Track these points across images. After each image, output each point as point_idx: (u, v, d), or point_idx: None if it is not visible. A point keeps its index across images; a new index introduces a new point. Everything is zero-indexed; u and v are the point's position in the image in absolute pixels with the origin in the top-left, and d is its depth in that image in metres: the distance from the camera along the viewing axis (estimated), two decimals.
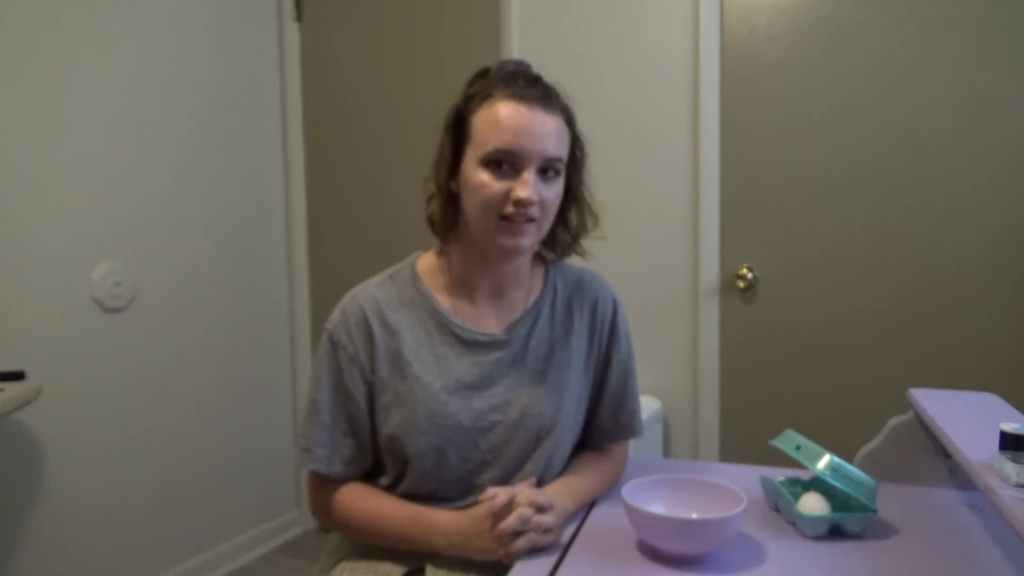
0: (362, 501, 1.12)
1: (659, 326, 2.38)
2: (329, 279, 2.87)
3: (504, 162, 1.04)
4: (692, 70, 2.30)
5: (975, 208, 2.07)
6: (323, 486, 1.15)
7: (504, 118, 1.03)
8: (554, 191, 1.08)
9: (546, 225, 1.10)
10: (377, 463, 1.17)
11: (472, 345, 1.13)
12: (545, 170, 1.06)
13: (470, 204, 1.07)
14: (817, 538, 1.05)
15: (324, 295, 2.89)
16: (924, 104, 2.10)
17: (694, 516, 1.02)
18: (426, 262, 1.18)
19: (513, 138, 1.03)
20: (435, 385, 1.10)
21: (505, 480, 1.13)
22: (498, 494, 1.00)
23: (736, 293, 2.31)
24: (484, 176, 1.04)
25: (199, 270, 2.52)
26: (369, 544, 1.14)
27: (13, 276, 2.01)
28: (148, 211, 2.35)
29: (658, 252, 2.38)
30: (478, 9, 2.56)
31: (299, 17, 2.83)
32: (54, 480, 2.11)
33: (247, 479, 2.73)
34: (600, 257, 2.47)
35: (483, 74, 1.12)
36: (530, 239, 1.08)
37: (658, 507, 1.04)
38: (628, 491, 1.03)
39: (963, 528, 1.09)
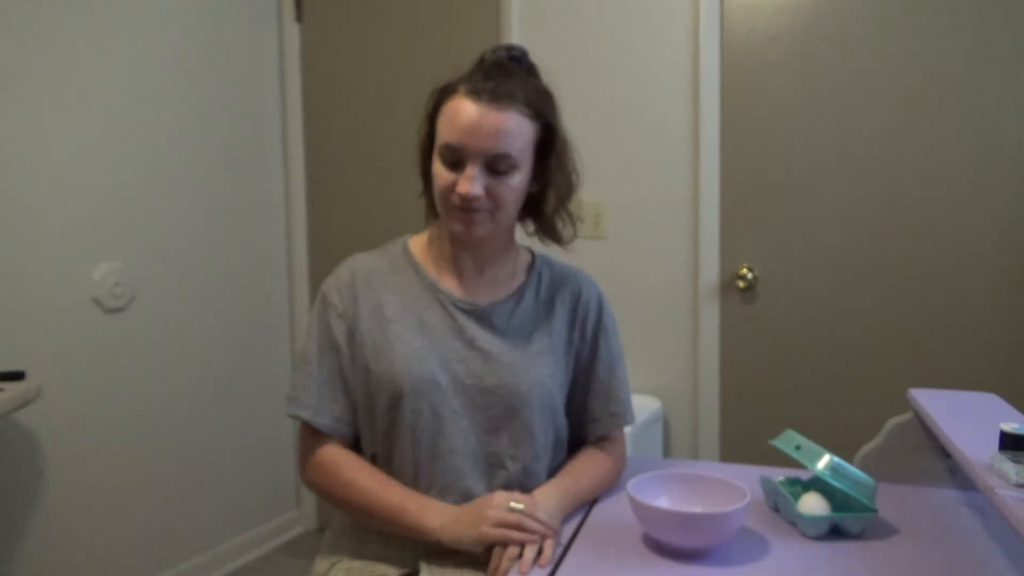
0: (362, 469, 1.15)
1: (659, 326, 2.38)
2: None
3: (450, 157, 1.10)
4: (692, 69, 2.30)
5: (975, 207, 2.08)
6: (314, 442, 1.17)
7: (454, 115, 1.09)
8: (508, 184, 1.11)
9: (503, 215, 1.13)
10: (356, 437, 1.20)
11: (456, 313, 1.18)
12: (494, 165, 1.09)
13: (433, 191, 1.14)
14: (817, 538, 1.05)
15: None
16: (924, 103, 2.10)
17: (698, 510, 1.03)
18: (417, 241, 1.27)
19: (457, 135, 1.08)
20: (415, 342, 1.14)
21: (479, 449, 1.14)
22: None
23: (736, 293, 2.32)
24: (438, 167, 1.12)
25: (199, 270, 2.52)
26: (358, 524, 1.17)
27: (13, 276, 2.01)
28: (148, 211, 2.35)
29: (657, 252, 2.38)
30: (478, 8, 2.56)
31: (299, 17, 2.83)
32: (54, 480, 2.11)
33: (247, 479, 2.73)
34: (599, 256, 2.47)
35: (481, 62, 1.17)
36: (483, 228, 1.12)
37: (663, 502, 1.06)
38: (634, 486, 1.04)
39: (963, 528, 1.09)
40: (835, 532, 1.06)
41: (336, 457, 1.15)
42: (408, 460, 1.14)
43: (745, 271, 2.29)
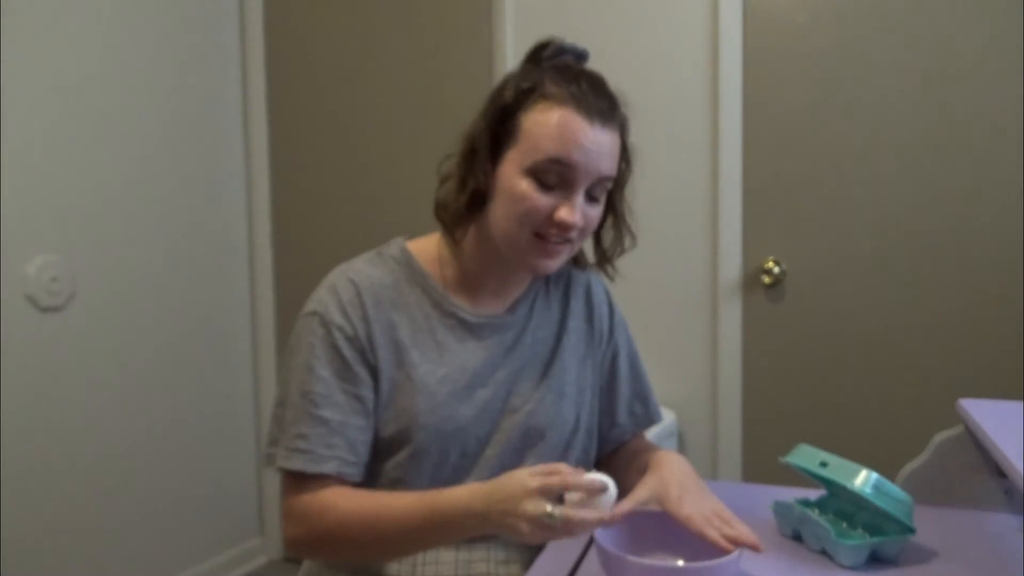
0: (355, 498, 1.07)
1: (673, 328, 2.37)
2: (296, 278, 2.86)
3: (553, 176, 1.06)
4: (710, 35, 2.29)
5: None
6: (305, 493, 1.08)
7: (562, 128, 1.05)
8: (597, 211, 1.12)
9: (579, 245, 1.16)
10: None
11: (475, 328, 1.17)
12: (592, 189, 1.09)
13: (503, 212, 1.09)
14: (854, 568, 1.04)
15: (290, 296, 2.87)
16: (988, 76, 2.08)
17: (680, 563, 1.00)
18: (421, 248, 1.20)
19: (571, 151, 1.05)
20: (437, 373, 1.13)
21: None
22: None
23: (761, 290, 2.31)
24: (527, 187, 1.06)
25: (148, 265, 2.51)
26: (358, 563, 1.12)
27: None
28: (90, 198, 2.33)
29: (671, 244, 2.37)
30: None
31: None
32: None
33: (204, 503, 2.72)
34: None
35: (536, 56, 1.14)
36: (561, 260, 1.13)
37: (639, 552, 1.02)
38: (603, 532, 0.99)
39: (1019, 557, 1.08)
40: (871, 558, 1.06)
41: (329, 495, 1.07)
42: (423, 488, 1.11)
43: (771, 265, 2.28)
